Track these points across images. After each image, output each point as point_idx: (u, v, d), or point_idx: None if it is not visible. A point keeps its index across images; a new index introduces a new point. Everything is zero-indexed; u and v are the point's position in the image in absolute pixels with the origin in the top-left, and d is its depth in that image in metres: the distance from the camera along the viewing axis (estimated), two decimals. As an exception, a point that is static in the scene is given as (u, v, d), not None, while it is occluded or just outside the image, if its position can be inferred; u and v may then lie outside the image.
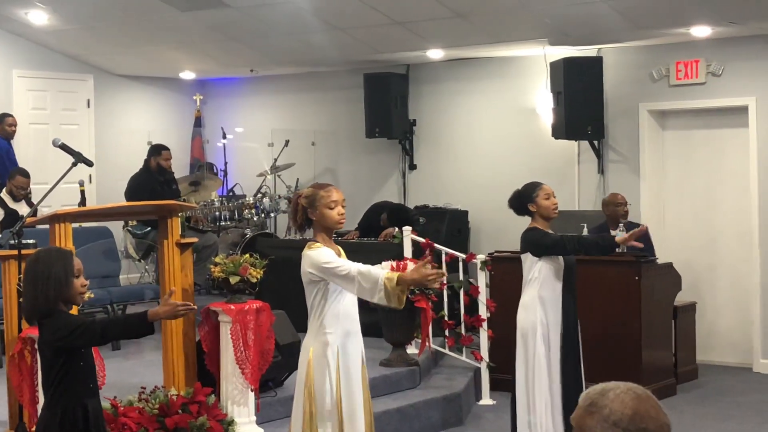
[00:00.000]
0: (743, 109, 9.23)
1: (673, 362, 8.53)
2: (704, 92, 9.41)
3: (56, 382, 4.07)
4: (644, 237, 8.64)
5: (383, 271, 4.63)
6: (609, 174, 9.98)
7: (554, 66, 9.73)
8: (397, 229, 8.60)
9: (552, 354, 5.91)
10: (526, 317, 5.94)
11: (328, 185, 4.83)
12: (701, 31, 8.87)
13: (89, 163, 5.90)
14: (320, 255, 4.61)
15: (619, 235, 6.16)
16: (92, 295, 7.04)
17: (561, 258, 5.95)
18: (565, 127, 9.59)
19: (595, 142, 9.94)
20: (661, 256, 8.70)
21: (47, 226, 5.79)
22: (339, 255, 4.74)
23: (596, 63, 9.70)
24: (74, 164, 5.74)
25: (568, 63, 9.58)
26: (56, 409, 4.08)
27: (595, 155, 10.00)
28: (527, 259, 6.01)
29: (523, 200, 6.05)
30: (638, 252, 8.23)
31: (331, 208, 4.72)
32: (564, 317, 5.94)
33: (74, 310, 4.29)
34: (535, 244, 5.94)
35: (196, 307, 4.29)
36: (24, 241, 5.57)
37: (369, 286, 4.50)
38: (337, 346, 4.65)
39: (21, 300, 5.42)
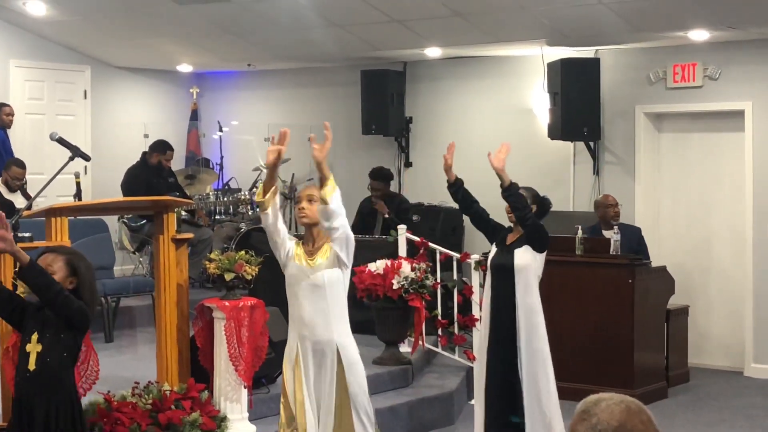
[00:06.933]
0: (739, 114, 9.25)
1: (664, 365, 8.55)
2: (701, 96, 9.43)
3: None
4: (637, 240, 8.69)
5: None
6: (604, 175, 9.99)
7: (551, 66, 9.74)
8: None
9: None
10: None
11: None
12: (699, 34, 8.88)
13: (86, 158, 5.91)
14: None
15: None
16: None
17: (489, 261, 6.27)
18: (562, 128, 9.60)
19: (591, 144, 9.95)
20: (655, 259, 8.73)
21: (43, 219, 5.80)
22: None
23: (593, 64, 9.71)
24: (71, 158, 5.75)
25: (566, 64, 9.59)
26: None
27: (591, 156, 10.01)
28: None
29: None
30: (632, 255, 8.26)
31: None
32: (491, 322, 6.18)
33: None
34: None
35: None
36: (20, 234, 5.56)
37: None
38: (296, 345, 4.94)
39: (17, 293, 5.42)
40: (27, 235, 5.70)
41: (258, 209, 4.78)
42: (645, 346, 8.13)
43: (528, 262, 6.01)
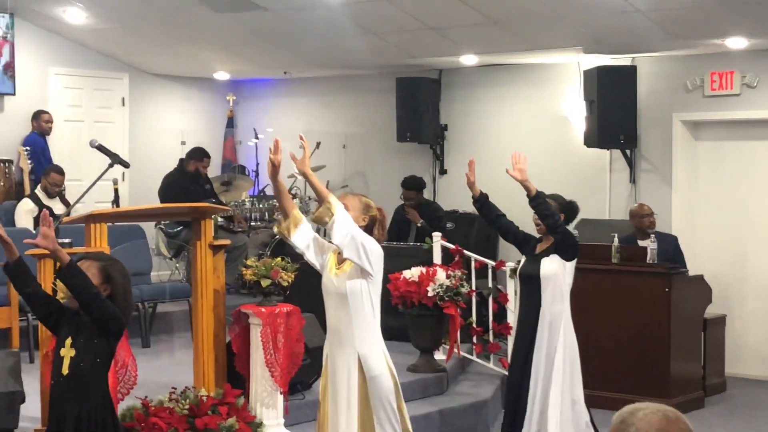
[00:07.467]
0: (777, 122, 9.18)
1: (701, 375, 8.49)
2: (738, 104, 9.37)
3: None
4: (674, 248, 8.63)
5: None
6: (640, 183, 9.94)
7: (588, 74, 9.71)
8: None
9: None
10: None
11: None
12: (737, 42, 8.83)
13: (126, 165, 5.97)
14: None
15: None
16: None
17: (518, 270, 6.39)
18: (598, 136, 9.57)
19: (628, 152, 9.91)
20: (692, 268, 8.66)
21: (82, 225, 5.86)
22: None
23: (630, 72, 9.67)
24: (111, 165, 5.80)
25: (602, 71, 9.55)
26: None
27: (627, 164, 9.97)
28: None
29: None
30: (669, 264, 8.21)
31: None
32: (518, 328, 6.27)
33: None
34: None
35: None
36: (60, 240, 5.61)
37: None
38: (326, 354, 5.02)
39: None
40: (67, 240, 5.78)
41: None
42: (682, 355, 8.07)
43: (555, 270, 6.00)
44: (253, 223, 10.80)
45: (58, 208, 9.17)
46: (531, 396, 6.02)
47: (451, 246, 8.21)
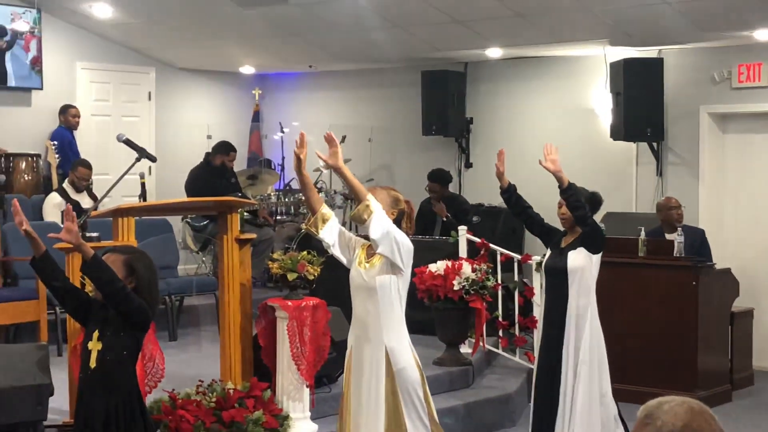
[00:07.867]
0: (806, 114, 9.10)
1: (728, 368, 8.44)
2: (766, 96, 9.29)
3: None
4: (700, 241, 8.58)
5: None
6: (667, 176, 9.89)
7: (614, 66, 9.67)
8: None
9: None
10: None
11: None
12: (765, 34, 8.76)
13: (153, 159, 6.00)
14: None
15: None
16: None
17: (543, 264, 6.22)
18: (624, 129, 9.52)
19: (654, 144, 9.86)
20: (719, 262, 8.61)
21: (110, 219, 5.90)
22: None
23: (657, 64, 9.62)
24: (138, 159, 5.84)
25: (629, 64, 9.51)
26: None
27: (654, 157, 9.92)
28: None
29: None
30: (696, 257, 8.17)
31: None
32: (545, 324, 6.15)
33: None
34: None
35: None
36: (88, 234, 5.67)
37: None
38: (351, 346, 5.01)
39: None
40: (94, 234, 5.81)
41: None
42: (709, 348, 8.03)
43: (582, 264, 5.97)
44: (279, 217, 10.84)
45: (85, 202, 9.22)
46: (562, 391, 5.99)
47: (477, 240, 8.20)
